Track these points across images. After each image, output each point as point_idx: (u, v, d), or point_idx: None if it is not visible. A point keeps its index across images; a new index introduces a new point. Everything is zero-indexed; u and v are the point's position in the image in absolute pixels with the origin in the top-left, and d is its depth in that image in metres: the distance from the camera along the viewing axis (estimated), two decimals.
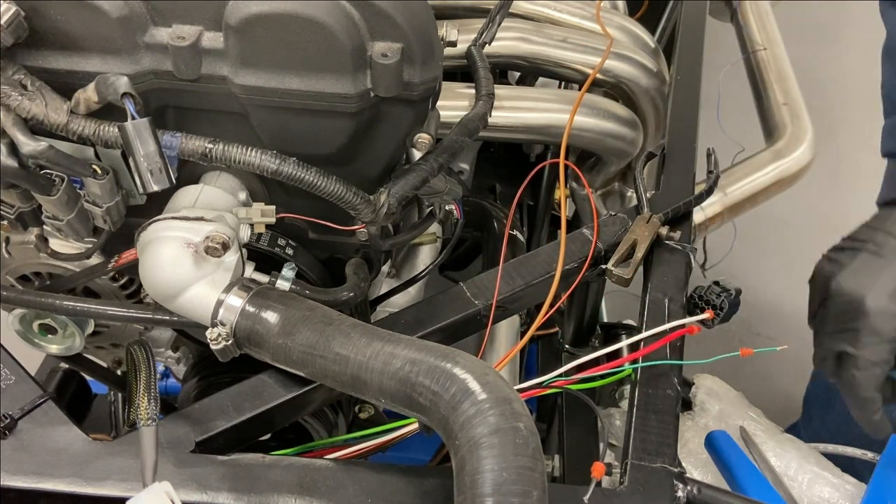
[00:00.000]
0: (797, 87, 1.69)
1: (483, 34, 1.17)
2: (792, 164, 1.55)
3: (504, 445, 0.69)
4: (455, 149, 0.95)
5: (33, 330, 1.09)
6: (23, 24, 0.80)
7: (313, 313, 0.85)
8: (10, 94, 0.80)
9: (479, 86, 1.06)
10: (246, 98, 0.86)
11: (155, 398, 0.87)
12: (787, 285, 2.62)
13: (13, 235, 1.03)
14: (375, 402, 1.13)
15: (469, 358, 0.77)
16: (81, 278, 1.04)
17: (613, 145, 1.41)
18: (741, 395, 1.34)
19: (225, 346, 0.85)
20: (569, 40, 1.41)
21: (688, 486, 0.86)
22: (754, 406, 1.34)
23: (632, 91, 1.43)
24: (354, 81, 0.84)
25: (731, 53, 1.87)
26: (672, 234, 1.10)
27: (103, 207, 0.90)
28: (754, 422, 1.29)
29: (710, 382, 1.35)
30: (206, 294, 0.87)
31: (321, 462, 0.89)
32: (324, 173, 0.86)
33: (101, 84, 0.81)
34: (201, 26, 0.83)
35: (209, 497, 0.85)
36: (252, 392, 0.94)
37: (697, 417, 1.31)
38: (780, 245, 2.72)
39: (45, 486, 0.85)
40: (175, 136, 0.84)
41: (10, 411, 0.90)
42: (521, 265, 1.07)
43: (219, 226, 0.87)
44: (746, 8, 1.90)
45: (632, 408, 0.93)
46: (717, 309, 1.03)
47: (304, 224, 1.02)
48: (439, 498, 0.84)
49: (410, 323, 1.02)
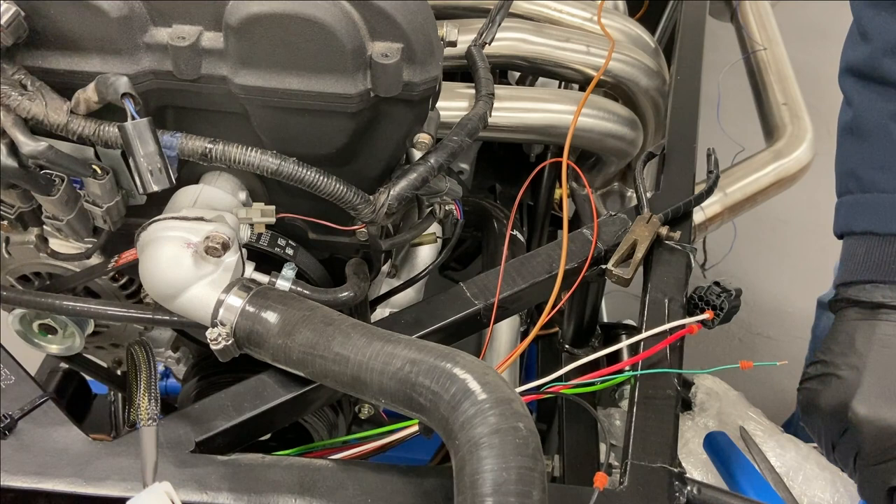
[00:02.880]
0: (797, 87, 1.70)
1: (483, 34, 1.17)
2: (792, 164, 1.55)
3: (504, 445, 0.69)
4: (455, 149, 0.95)
5: (33, 330, 1.09)
6: (23, 24, 0.80)
7: (313, 313, 0.85)
8: (10, 94, 0.80)
9: (479, 86, 1.06)
10: (246, 98, 0.86)
11: (155, 398, 0.87)
12: (787, 285, 2.63)
13: (13, 235, 1.03)
14: (375, 403, 1.13)
15: (469, 358, 0.76)
16: (81, 278, 1.04)
17: (614, 145, 1.41)
18: (741, 395, 1.34)
19: (225, 346, 0.85)
20: (569, 41, 1.41)
21: (688, 486, 0.86)
22: (754, 406, 1.34)
23: (632, 91, 1.43)
24: (354, 81, 0.84)
25: (731, 53, 1.87)
26: (672, 234, 1.10)
27: (103, 207, 0.90)
28: (754, 422, 1.29)
29: (710, 382, 1.36)
30: (206, 294, 0.87)
31: (321, 462, 0.89)
32: (324, 173, 0.86)
33: (101, 84, 0.81)
34: (201, 26, 0.83)
35: (209, 497, 0.84)
36: (252, 392, 0.94)
37: (697, 417, 1.31)
38: (781, 245, 2.72)
39: (45, 486, 0.85)
40: (175, 136, 0.84)
41: (10, 411, 0.90)
42: (522, 265, 1.07)
43: (219, 226, 0.87)
44: (746, 8, 1.90)
45: (632, 408, 0.93)
46: (717, 309, 1.03)
47: (304, 224, 1.02)
48: (439, 498, 0.84)
49: (410, 323, 1.02)
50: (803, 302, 2.60)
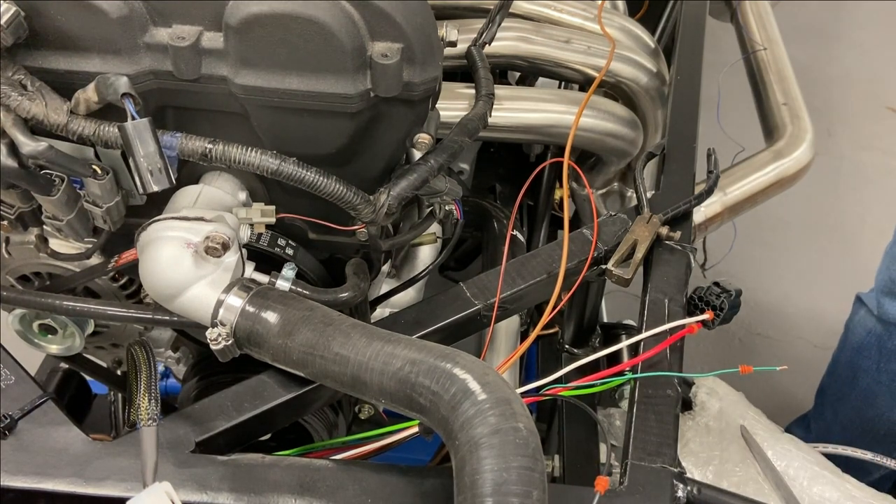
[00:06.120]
0: (797, 87, 1.69)
1: (483, 34, 1.17)
2: (792, 164, 1.55)
3: (504, 445, 0.69)
4: (455, 149, 0.95)
5: (33, 330, 1.09)
6: (23, 24, 0.80)
7: (313, 313, 0.85)
8: (10, 94, 0.80)
9: (479, 86, 1.06)
10: (246, 98, 0.86)
11: (155, 398, 0.87)
12: (787, 285, 2.63)
13: (13, 235, 1.03)
14: (375, 403, 1.13)
15: (469, 358, 0.77)
16: (81, 278, 1.04)
17: (614, 145, 1.41)
18: (741, 395, 1.34)
19: (225, 346, 0.85)
20: (569, 41, 1.41)
21: (688, 486, 0.86)
22: (754, 406, 1.34)
23: (632, 91, 1.43)
24: (354, 81, 0.84)
25: (731, 53, 1.87)
26: (672, 235, 1.10)
27: (103, 207, 0.90)
28: (755, 422, 1.29)
29: (711, 382, 1.35)
30: (206, 294, 0.87)
31: (321, 462, 0.89)
32: (324, 173, 0.86)
33: (101, 84, 0.81)
34: (201, 26, 0.83)
35: (209, 497, 0.85)
36: (252, 392, 0.94)
37: (697, 417, 1.30)
38: (780, 245, 2.72)
39: (45, 486, 0.85)
40: (175, 136, 0.84)
41: (10, 411, 0.90)
42: (522, 265, 1.07)
43: (219, 226, 0.87)
44: (746, 8, 1.90)
45: (632, 408, 0.93)
46: (717, 310, 1.02)
47: (304, 224, 1.02)
48: (439, 498, 0.84)
49: (410, 323, 1.02)
50: (803, 302, 2.61)
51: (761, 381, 2.18)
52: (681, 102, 1.39)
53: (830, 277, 2.59)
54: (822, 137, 1.64)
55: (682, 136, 1.31)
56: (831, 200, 2.74)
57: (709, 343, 2.46)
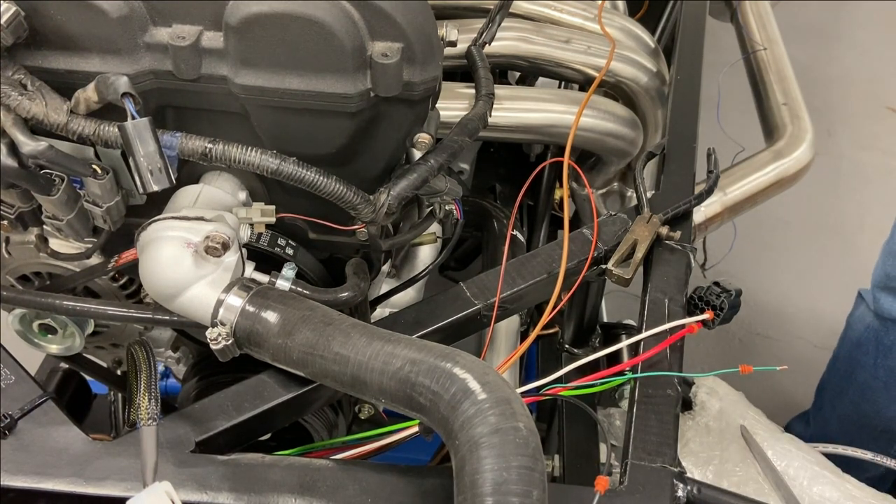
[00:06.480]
0: (797, 87, 1.69)
1: (483, 34, 1.17)
2: (792, 164, 1.55)
3: (504, 445, 0.69)
4: (455, 149, 0.95)
5: (33, 330, 1.09)
6: (23, 24, 0.80)
7: (313, 313, 0.85)
8: (10, 94, 0.80)
9: (479, 86, 1.06)
10: (246, 98, 0.86)
11: (155, 398, 0.87)
12: (787, 285, 2.63)
13: (13, 235, 1.03)
14: (375, 403, 1.13)
15: (469, 358, 0.77)
16: (81, 278, 1.04)
17: (614, 145, 1.41)
18: (741, 395, 1.34)
19: (225, 345, 0.85)
20: (569, 41, 1.41)
21: (688, 486, 0.86)
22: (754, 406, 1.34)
23: (632, 91, 1.43)
24: (354, 81, 0.84)
25: (731, 53, 1.87)
26: (672, 234, 1.10)
27: (103, 207, 0.90)
28: (755, 421, 1.29)
29: (711, 382, 1.35)
30: (206, 294, 0.87)
31: (321, 462, 0.89)
32: (324, 173, 0.86)
33: (101, 84, 0.81)
34: (201, 26, 0.83)
35: (209, 497, 0.85)
36: (252, 392, 0.94)
37: (697, 417, 1.30)
38: (780, 245, 2.72)
39: (45, 486, 0.85)
40: (175, 136, 0.84)
41: (10, 411, 0.90)
42: (522, 265, 1.07)
43: (219, 226, 0.87)
44: (746, 8, 1.90)
45: (632, 408, 0.93)
46: (717, 310, 1.02)
47: (304, 224, 1.02)
48: (439, 498, 0.84)
49: (410, 323, 1.02)
50: (803, 302, 2.61)
51: (761, 381, 2.18)
52: (681, 102, 1.39)
53: (830, 277, 2.59)
54: (822, 137, 1.64)
55: (682, 136, 1.31)
56: (831, 200, 2.74)
57: (709, 343, 2.46)
